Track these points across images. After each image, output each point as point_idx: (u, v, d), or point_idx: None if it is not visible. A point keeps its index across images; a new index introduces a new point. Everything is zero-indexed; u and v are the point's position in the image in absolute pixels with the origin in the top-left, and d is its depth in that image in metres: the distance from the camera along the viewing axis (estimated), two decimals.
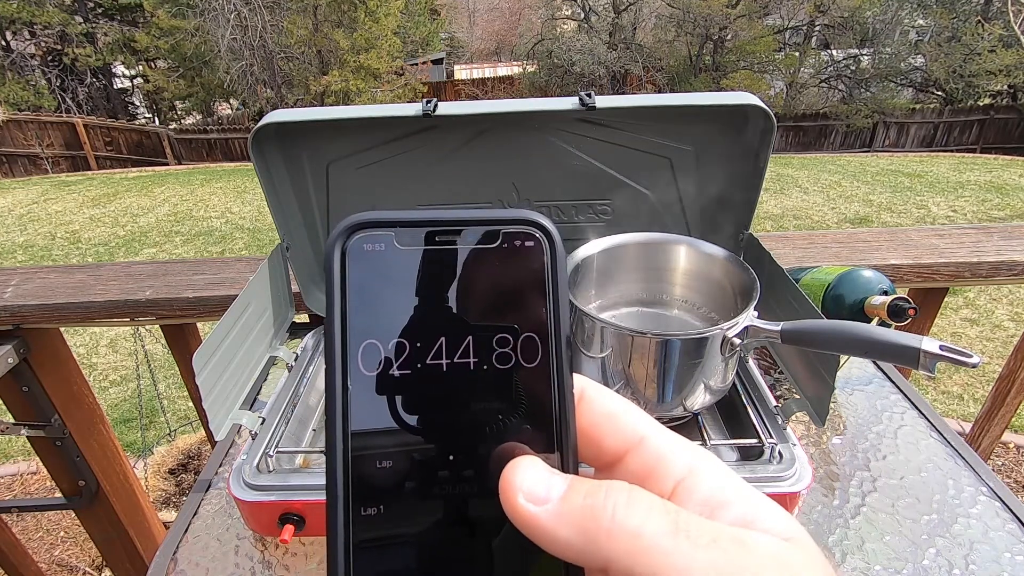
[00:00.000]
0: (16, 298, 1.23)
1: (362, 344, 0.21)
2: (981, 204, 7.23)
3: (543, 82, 15.03)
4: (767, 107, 0.82)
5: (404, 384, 0.22)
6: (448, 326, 0.22)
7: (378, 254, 0.22)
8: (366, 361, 0.21)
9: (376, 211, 0.22)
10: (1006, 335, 3.92)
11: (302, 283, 1.07)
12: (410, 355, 0.22)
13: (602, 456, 0.23)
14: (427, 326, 0.22)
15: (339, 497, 0.21)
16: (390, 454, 0.21)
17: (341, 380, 0.21)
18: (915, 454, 0.85)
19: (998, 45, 11.54)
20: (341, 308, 0.22)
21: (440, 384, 0.22)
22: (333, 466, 0.21)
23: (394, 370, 0.22)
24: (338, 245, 0.22)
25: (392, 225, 0.22)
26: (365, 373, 0.21)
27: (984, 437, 1.64)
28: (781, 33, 13.90)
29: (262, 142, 0.90)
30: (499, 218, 0.23)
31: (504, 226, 0.23)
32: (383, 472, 0.21)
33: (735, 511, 0.20)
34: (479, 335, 0.22)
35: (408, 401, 0.22)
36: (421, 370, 0.22)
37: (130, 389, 3.58)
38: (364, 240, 0.22)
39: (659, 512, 0.20)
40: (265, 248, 6.07)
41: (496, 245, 0.22)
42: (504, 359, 0.22)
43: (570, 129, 0.93)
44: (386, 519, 0.21)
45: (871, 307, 0.87)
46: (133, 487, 1.58)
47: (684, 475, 0.21)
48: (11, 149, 11.20)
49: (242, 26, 12.02)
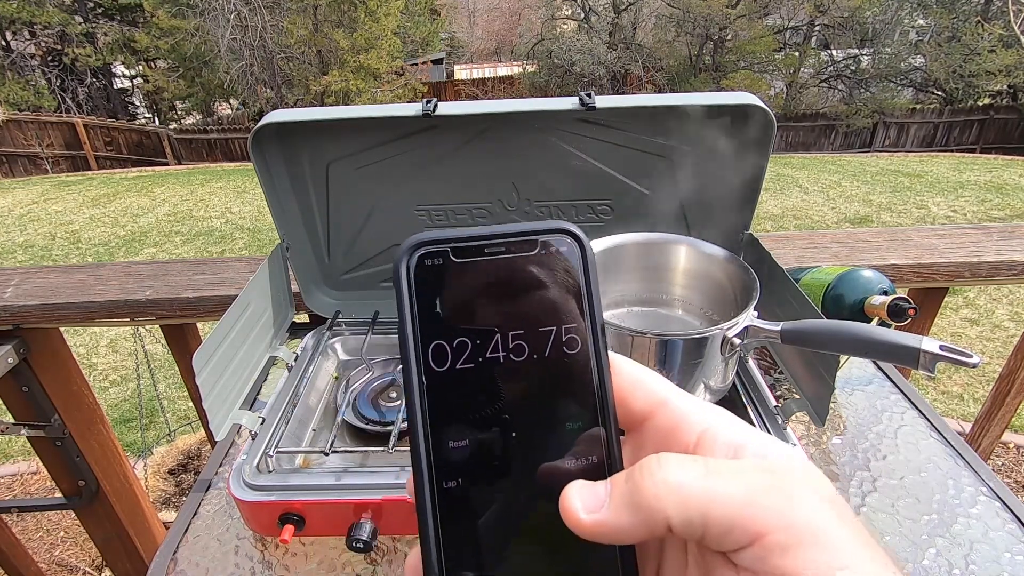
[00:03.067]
0: (16, 298, 1.23)
1: (431, 345, 0.25)
2: (981, 204, 7.23)
3: (543, 82, 15.02)
4: (767, 107, 0.82)
5: (469, 376, 0.25)
6: (501, 323, 0.25)
7: (437, 267, 0.25)
8: (436, 359, 0.25)
9: (433, 231, 0.26)
10: (1006, 335, 3.92)
11: (302, 283, 1.07)
12: (472, 351, 0.25)
13: (631, 416, 0.27)
14: (484, 325, 0.25)
15: (424, 473, 0.25)
16: (463, 434, 0.25)
17: (417, 377, 0.25)
18: (915, 454, 0.85)
19: (998, 45, 11.53)
20: (412, 316, 0.25)
21: (499, 373, 0.25)
22: (417, 448, 0.25)
23: (460, 364, 0.25)
24: (404, 262, 0.25)
25: (447, 242, 0.25)
26: (436, 369, 0.25)
27: (984, 437, 1.64)
28: (781, 33, 13.90)
29: (262, 142, 0.90)
30: (537, 229, 0.26)
31: (541, 235, 0.26)
32: (458, 451, 0.25)
33: (752, 449, 0.24)
34: (528, 329, 0.25)
35: (473, 389, 0.25)
36: (482, 363, 0.25)
37: (130, 389, 3.58)
38: (425, 256, 0.25)
39: (689, 463, 0.23)
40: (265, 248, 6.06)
41: (536, 252, 0.26)
42: (551, 348, 0.26)
43: (570, 129, 0.93)
44: (465, 491, 0.25)
45: (871, 307, 0.87)
46: (133, 487, 1.58)
47: (704, 428, 0.25)
48: (11, 149, 11.20)
49: (242, 26, 12.01)
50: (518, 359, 0.25)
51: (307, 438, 0.88)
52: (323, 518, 0.71)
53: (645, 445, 0.26)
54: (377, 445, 0.83)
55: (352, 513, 0.71)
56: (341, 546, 0.72)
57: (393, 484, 0.72)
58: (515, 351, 0.25)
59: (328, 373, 1.01)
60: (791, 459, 0.23)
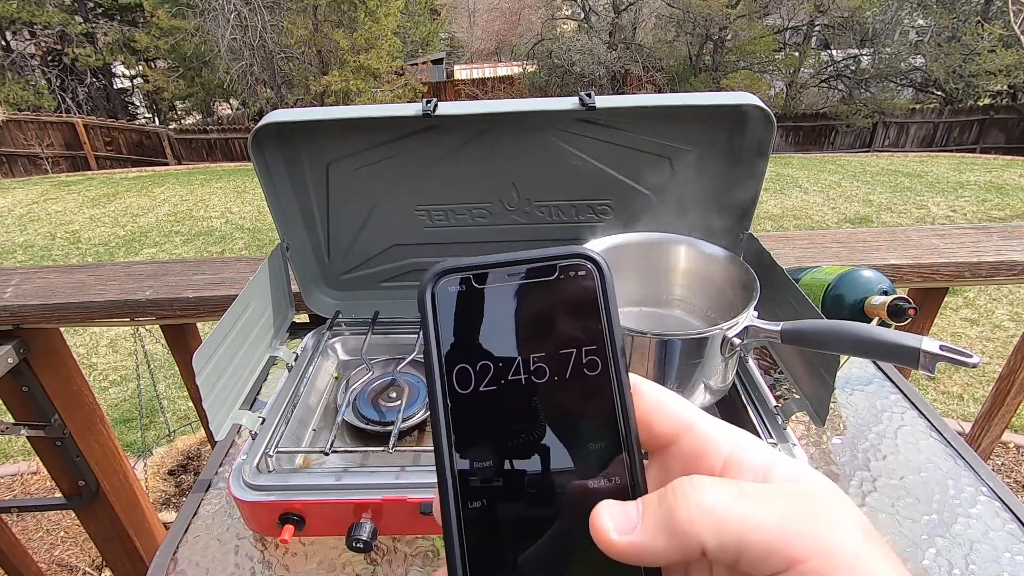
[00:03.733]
0: (16, 298, 1.23)
1: (455, 368, 0.26)
2: (981, 204, 7.23)
3: (543, 82, 15.02)
4: (767, 107, 0.82)
5: (492, 398, 0.26)
6: (523, 347, 0.26)
7: (461, 294, 0.26)
8: (460, 382, 0.26)
9: (456, 259, 0.26)
10: (1006, 335, 3.92)
11: (302, 283, 1.07)
12: (494, 374, 0.26)
13: (655, 439, 0.27)
14: (506, 348, 0.26)
15: (450, 492, 0.25)
16: (486, 455, 0.26)
17: (442, 399, 0.25)
18: (915, 454, 0.85)
19: (998, 45, 11.53)
20: (436, 340, 0.26)
21: (521, 395, 0.26)
22: (443, 468, 0.25)
23: (483, 387, 0.26)
24: (428, 289, 0.26)
25: (469, 269, 0.26)
26: (460, 391, 0.26)
27: (984, 437, 1.64)
28: (781, 33, 13.90)
29: (262, 142, 0.90)
30: (555, 255, 0.27)
31: (560, 260, 0.27)
32: (483, 471, 0.25)
33: (781, 472, 0.24)
34: (549, 352, 0.26)
35: (496, 411, 0.26)
36: (504, 385, 0.26)
37: (130, 389, 3.58)
38: (448, 283, 0.26)
39: (723, 486, 0.23)
40: (265, 248, 6.06)
41: (555, 277, 0.27)
42: (571, 370, 0.26)
43: (570, 129, 0.93)
44: (490, 510, 0.25)
45: (871, 307, 0.87)
46: (133, 487, 1.58)
47: (731, 452, 0.24)
48: (11, 149, 11.20)
49: (242, 26, 12.01)
50: (539, 381, 0.26)
51: (307, 438, 0.88)
52: (323, 518, 0.71)
53: (671, 468, 0.26)
54: (377, 445, 0.83)
55: (352, 513, 0.71)
56: (341, 546, 0.72)
57: (393, 484, 0.72)
58: (536, 373, 0.26)
59: (328, 373, 1.01)
60: (822, 484, 0.23)
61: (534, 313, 0.26)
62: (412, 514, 0.71)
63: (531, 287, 0.26)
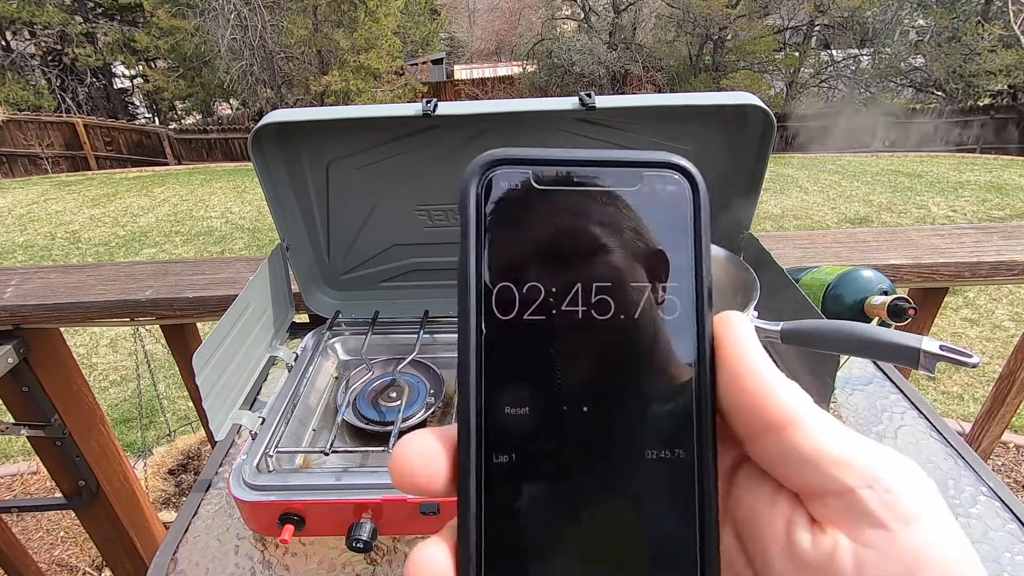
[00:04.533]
0: (16, 298, 1.23)
1: (496, 287, 0.21)
2: (981, 204, 7.23)
3: (543, 82, 15.02)
4: (767, 107, 0.82)
5: (538, 330, 0.21)
6: (585, 271, 0.21)
7: (515, 192, 0.21)
8: (500, 305, 0.21)
9: (513, 148, 0.21)
10: (1006, 335, 3.92)
11: (302, 283, 1.07)
12: (545, 300, 0.21)
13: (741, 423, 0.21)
14: (563, 271, 0.21)
15: (472, 439, 0.21)
16: (523, 400, 0.21)
17: (476, 324, 0.21)
18: (915, 454, 0.85)
19: (998, 45, 11.53)
20: (476, 248, 0.21)
21: (576, 331, 0.21)
22: (466, 409, 0.21)
23: (528, 315, 0.21)
24: (475, 181, 0.21)
25: (531, 163, 0.21)
26: (500, 317, 0.21)
27: (984, 437, 1.64)
28: (781, 33, 13.90)
29: (262, 142, 0.90)
30: (640, 160, 0.22)
31: (646, 168, 0.22)
32: (516, 419, 0.21)
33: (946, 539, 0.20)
34: (618, 282, 0.21)
35: (542, 346, 0.21)
36: (556, 316, 0.21)
37: (130, 389, 3.58)
38: (502, 177, 0.21)
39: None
40: (265, 248, 6.07)
41: (637, 188, 0.22)
42: (643, 308, 0.21)
43: (570, 129, 0.93)
44: (517, 468, 0.21)
45: (871, 307, 0.87)
46: (133, 487, 1.58)
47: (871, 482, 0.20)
48: (11, 149, 11.20)
49: (242, 26, 12.01)
50: (601, 317, 0.21)
51: (307, 438, 0.88)
52: (323, 518, 0.71)
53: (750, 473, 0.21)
54: (377, 445, 0.83)
55: (352, 513, 0.71)
56: (341, 546, 0.72)
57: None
58: (598, 307, 0.21)
59: (328, 373, 1.01)
60: None
61: (605, 229, 0.21)
62: (412, 514, 0.71)
63: (605, 196, 0.21)
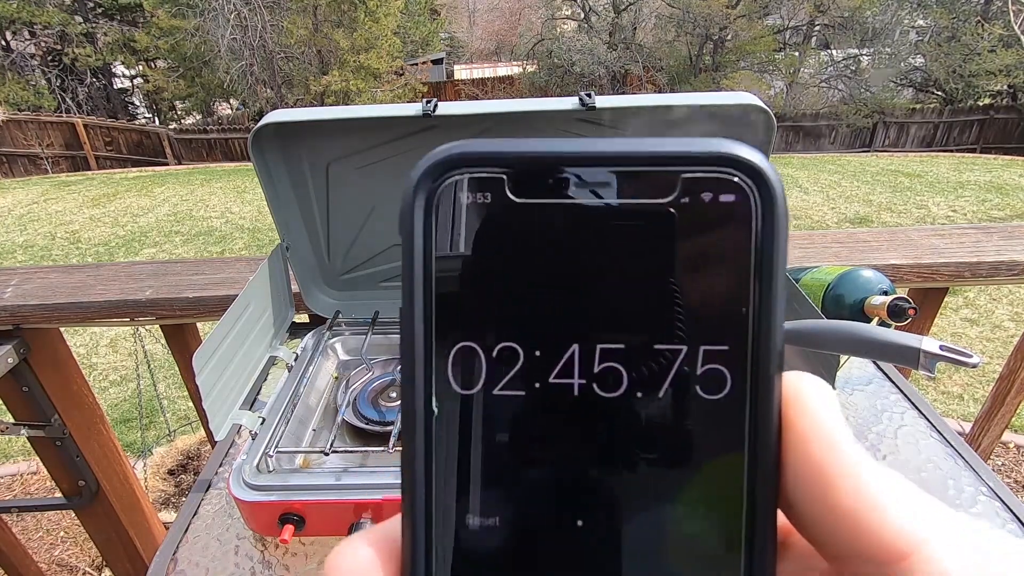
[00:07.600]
0: (16, 298, 1.23)
1: (455, 348, 0.14)
2: (981, 204, 7.23)
3: (543, 82, 15.02)
4: (767, 107, 0.82)
5: (514, 411, 0.15)
6: (585, 327, 0.14)
7: (482, 208, 0.14)
8: (459, 373, 0.14)
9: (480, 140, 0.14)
10: (1006, 335, 3.92)
11: (302, 283, 1.07)
12: (525, 368, 0.14)
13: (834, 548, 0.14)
14: (553, 325, 0.14)
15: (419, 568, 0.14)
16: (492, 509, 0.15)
17: (423, 398, 0.14)
18: (915, 454, 0.85)
19: (998, 45, 11.54)
20: (424, 292, 0.14)
21: (569, 414, 0.14)
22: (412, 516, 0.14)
23: (500, 388, 0.15)
24: (421, 193, 0.14)
25: (505, 162, 0.14)
26: (458, 391, 0.14)
27: (984, 437, 1.64)
28: (781, 33, 13.90)
29: (262, 142, 0.90)
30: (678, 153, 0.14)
31: (686, 168, 0.14)
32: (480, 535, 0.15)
33: None
34: (632, 343, 0.14)
35: (519, 437, 0.15)
36: (540, 391, 0.14)
37: (130, 389, 3.58)
38: (461, 185, 0.14)
39: None
40: (265, 248, 6.07)
41: (671, 199, 0.14)
42: (671, 383, 0.14)
43: (570, 129, 0.93)
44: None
45: (871, 307, 0.87)
46: (133, 487, 1.58)
47: None
48: (11, 149, 11.20)
49: (242, 26, 12.01)
50: (608, 395, 0.14)
51: (307, 438, 0.88)
52: (323, 518, 0.71)
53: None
54: (377, 445, 0.83)
55: (352, 513, 0.71)
56: None
57: (393, 484, 0.72)
58: (603, 380, 0.14)
59: (328, 373, 1.01)
60: None
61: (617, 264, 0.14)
62: None
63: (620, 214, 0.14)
